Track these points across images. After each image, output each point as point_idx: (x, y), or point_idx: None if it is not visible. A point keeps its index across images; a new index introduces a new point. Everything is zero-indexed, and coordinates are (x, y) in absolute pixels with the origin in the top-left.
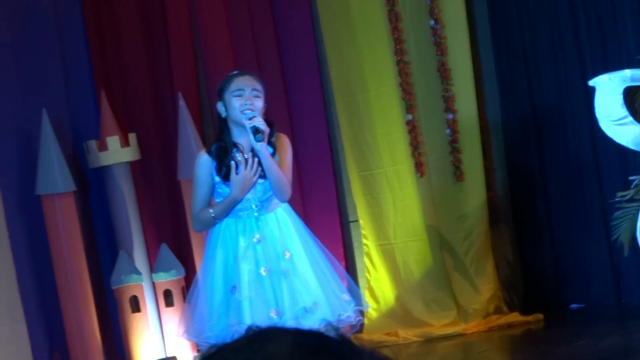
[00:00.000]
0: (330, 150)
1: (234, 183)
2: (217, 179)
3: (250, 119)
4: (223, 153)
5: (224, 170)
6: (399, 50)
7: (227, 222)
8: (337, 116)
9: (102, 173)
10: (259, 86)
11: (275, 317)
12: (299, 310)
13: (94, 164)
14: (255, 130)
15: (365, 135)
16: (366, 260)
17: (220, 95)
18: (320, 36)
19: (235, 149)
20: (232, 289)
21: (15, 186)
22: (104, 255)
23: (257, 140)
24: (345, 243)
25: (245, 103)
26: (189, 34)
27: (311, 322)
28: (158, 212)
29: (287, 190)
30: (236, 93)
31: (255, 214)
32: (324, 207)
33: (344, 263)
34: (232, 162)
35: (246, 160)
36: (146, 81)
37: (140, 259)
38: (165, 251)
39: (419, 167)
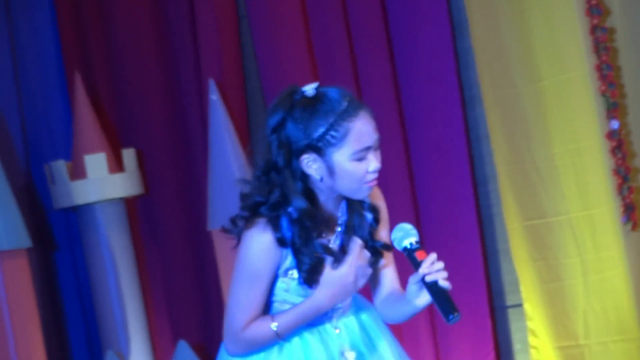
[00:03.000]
0: (473, 183)
1: (326, 283)
2: (292, 275)
3: (411, 249)
4: (307, 232)
5: (307, 263)
6: (595, 8)
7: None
8: (487, 124)
9: (77, 217)
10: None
11: None
12: None
13: (63, 202)
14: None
15: (535, 157)
16: None
17: (313, 142)
18: None
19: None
20: None
21: None
22: (79, 358)
23: (451, 315)
24: (498, 343)
25: (372, 170)
26: None
27: None
28: (172, 287)
29: None
30: (358, 155)
31: (333, 321)
32: (461, 282)
33: None
34: (327, 255)
35: (336, 253)
36: (152, 61)
37: None
38: (184, 352)
39: (629, 212)
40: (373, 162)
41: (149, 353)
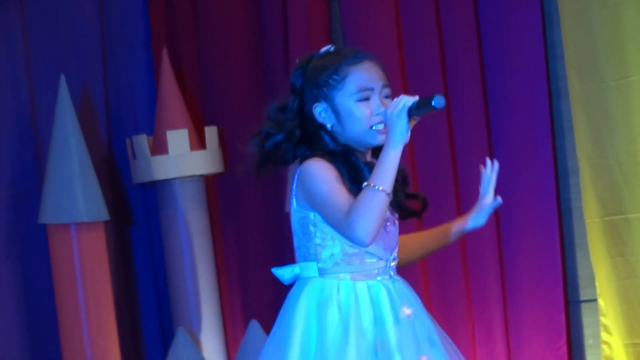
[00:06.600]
0: (555, 178)
1: (392, 120)
2: None
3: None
4: (345, 159)
5: (359, 171)
6: None
7: (356, 287)
8: (571, 117)
9: (156, 193)
10: (386, 79)
11: None
12: None
13: (143, 177)
14: (424, 104)
15: (618, 152)
16: None
17: (319, 88)
18: None
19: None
20: None
21: (3, 209)
22: (150, 332)
23: (439, 105)
24: (571, 336)
25: (377, 112)
26: None
27: None
28: (247, 267)
29: None
30: (360, 95)
31: (392, 273)
32: (537, 274)
33: None
34: (379, 111)
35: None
36: (239, 40)
37: (212, 342)
38: (255, 331)
39: None
40: (377, 104)
41: (220, 331)
